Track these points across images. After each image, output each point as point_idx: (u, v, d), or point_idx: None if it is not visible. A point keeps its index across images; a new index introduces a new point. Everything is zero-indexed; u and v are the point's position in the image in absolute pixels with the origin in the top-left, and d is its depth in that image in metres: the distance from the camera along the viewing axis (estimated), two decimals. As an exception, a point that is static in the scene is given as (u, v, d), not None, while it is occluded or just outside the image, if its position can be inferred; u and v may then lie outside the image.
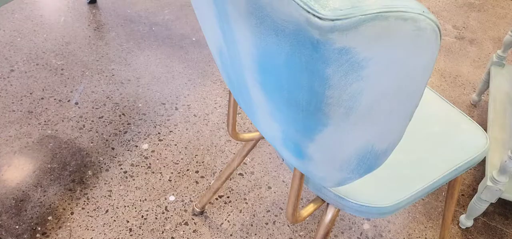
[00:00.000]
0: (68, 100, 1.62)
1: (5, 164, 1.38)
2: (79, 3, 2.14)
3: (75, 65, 1.78)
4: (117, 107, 1.61)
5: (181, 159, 1.45)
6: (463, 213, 1.36)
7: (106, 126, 1.54)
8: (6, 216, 1.24)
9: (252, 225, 1.29)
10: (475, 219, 1.34)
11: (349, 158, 0.61)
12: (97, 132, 1.51)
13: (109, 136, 1.50)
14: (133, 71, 1.78)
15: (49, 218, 1.25)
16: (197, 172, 1.42)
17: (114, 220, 1.26)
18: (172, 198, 1.33)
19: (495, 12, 2.41)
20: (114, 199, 1.31)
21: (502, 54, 1.61)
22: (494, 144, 1.33)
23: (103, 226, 1.24)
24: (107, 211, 1.28)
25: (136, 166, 1.41)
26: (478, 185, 1.25)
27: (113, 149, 1.46)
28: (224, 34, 0.60)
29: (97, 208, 1.29)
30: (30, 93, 1.63)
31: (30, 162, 1.39)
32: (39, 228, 1.22)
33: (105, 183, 1.35)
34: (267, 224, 1.30)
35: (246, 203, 1.34)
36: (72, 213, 1.27)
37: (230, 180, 1.40)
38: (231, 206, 1.33)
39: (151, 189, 1.35)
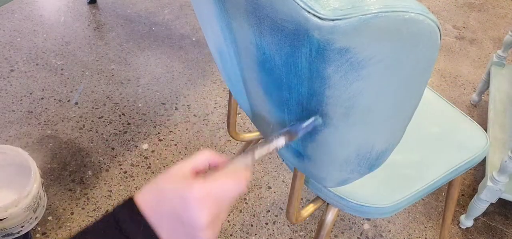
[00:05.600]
0: (68, 100, 1.62)
1: (5, 164, 1.38)
2: (79, 3, 2.14)
3: (75, 65, 1.78)
4: (117, 107, 1.61)
5: (181, 159, 1.45)
6: (463, 213, 1.36)
7: (106, 126, 1.54)
8: (6, 216, 1.24)
9: (252, 225, 1.29)
10: (475, 219, 1.34)
11: (349, 158, 0.61)
12: (97, 132, 1.51)
13: (109, 136, 1.50)
14: (133, 71, 1.77)
15: (49, 218, 1.25)
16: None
17: (114, 220, 1.26)
18: (172, 198, 1.33)
19: (495, 12, 2.41)
20: (114, 199, 1.31)
21: (502, 54, 1.61)
22: (494, 144, 1.33)
23: (103, 226, 1.24)
24: (107, 211, 1.28)
25: (136, 166, 1.41)
26: (478, 185, 1.25)
27: (113, 149, 1.46)
28: (224, 34, 0.59)
29: (97, 208, 1.29)
30: (30, 93, 1.63)
31: (30, 162, 1.39)
32: (39, 228, 1.22)
33: (105, 183, 1.35)
34: (267, 224, 1.30)
35: (246, 203, 1.34)
36: (72, 213, 1.27)
37: (230, 180, 1.40)
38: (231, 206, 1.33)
39: (151, 189, 1.35)
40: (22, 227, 1.10)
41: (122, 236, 0.41)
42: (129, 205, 0.42)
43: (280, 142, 0.51)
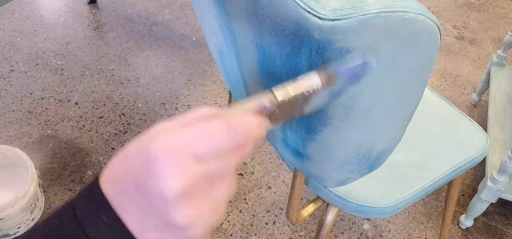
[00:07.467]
0: (68, 100, 1.62)
1: (5, 164, 1.38)
2: (79, 3, 2.14)
3: (75, 65, 1.78)
4: (117, 107, 1.61)
5: (181, 159, 1.45)
6: (463, 213, 1.36)
7: (106, 126, 1.53)
8: (6, 216, 1.24)
9: (252, 225, 1.29)
10: (475, 219, 1.34)
11: (349, 158, 0.61)
12: (97, 132, 1.51)
13: (109, 136, 1.50)
14: (133, 71, 1.77)
15: (49, 218, 1.25)
16: (197, 172, 1.42)
17: (114, 220, 1.26)
18: (172, 198, 1.33)
19: (495, 12, 2.41)
20: (114, 199, 1.31)
21: (502, 54, 1.61)
22: (494, 144, 1.32)
23: (103, 226, 1.24)
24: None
25: (136, 166, 1.41)
26: (478, 185, 1.25)
27: (113, 149, 1.46)
28: (225, 34, 0.59)
29: (97, 208, 1.29)
30: (30, 93, 1.63)
31: (30, 162, 1.39)
32: (39, 228, 1.22)
33: (105, 183, 1.35)
34: (267, 224, 1.30)
35: (246, 203, 1.34)
36: (72, 213, 1.27)
37: (230, 180, 1.40)
38: (231, 206, 1.33)
39: (151, 189, 1.35)
40: (18, 228, 1.10)
41: (80, 230, 0.28)
42: (91, 188, 0.29)
43: (315, 81, 0.35)
